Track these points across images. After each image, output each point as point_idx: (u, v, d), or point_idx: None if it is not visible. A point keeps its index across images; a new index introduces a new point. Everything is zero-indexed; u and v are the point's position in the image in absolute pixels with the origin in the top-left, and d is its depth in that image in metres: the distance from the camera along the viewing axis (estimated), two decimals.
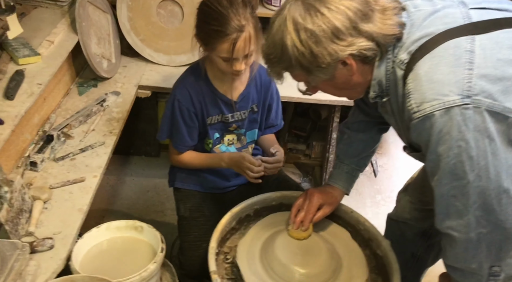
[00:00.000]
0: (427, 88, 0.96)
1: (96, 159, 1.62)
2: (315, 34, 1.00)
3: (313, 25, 1.00)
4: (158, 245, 1.32)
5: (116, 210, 2.40)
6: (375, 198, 2.57)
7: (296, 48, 1.03)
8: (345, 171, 1.48)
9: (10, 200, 1.28)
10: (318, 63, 1.03)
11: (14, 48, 1.66)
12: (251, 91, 1.60)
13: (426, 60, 0.99)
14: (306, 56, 1.03)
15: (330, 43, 1.01)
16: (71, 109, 1.84)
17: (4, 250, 1.16)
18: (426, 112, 0.96)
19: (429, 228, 1.61)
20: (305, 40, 1.01)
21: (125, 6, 2.09)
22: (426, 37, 1.01)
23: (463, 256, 1.07)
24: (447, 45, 0.98)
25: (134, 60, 2.22)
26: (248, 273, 1.32)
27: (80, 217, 1.40)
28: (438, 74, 0.96)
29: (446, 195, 1.01)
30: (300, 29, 1.01)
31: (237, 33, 1.36)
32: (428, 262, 1.72)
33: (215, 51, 1.41)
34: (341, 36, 1.00)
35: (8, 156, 1.49)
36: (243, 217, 1.54)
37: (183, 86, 1.55)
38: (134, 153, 2.75)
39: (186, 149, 1.63)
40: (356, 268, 1.37)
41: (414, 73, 1.00)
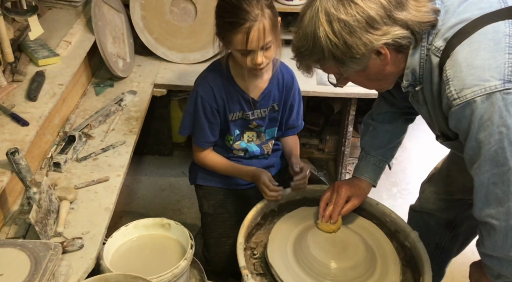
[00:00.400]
0: (467, 74, 0.95)
1: (118, 158, 1.62)
2: (349, 25, 0.99)
3: (346, 15, 0.99)
4: (187, 242, 1.32)
5: (133, 210, 2.40)
6: (391, 191, 2.57)
7: (329, 40, 1.01)
8: (371, 162, 1.47)
9: (39, 201, 1.28)
10: (352, 54, 1.02)
11: (33, 50, 1.66)
12: (273, 90, 1.60)
13: (465, 46, 0.97)
14: (340, 47, 1.01)
15: (364, 33, 0.99)
16: (89, 109, 1.84)
17: (37, 250, 1.16)
18: (467, 98, 0.95)
19: (454, 218, 1.61)
20: (339, 31, 1.00)
21: (138, 5, 2.09)
22: (462, 23, 0.99)
23: (501, 244, 1.06)
24: (486, 30, 0.97)
25: (148, 59, 2.22)
26: (282, 269, 1.32)
27: (107, 216, 1.40)
28: (478, 60, 0.95)
29: (486, 183, 1.01)
30: (333, 20, 1.00)
31: (250, 23, 1.35)
32: (453, 253, 1.71)
33: (232, 45, 1.41)
34: (375, 25, 0.99)
35: (32, 157, 1.49)
36: (268, 212, 1.54)
37: (206, 82, 1.55)
38: (147, 153, 2.75)
39: (208, 145, 1.63)
40: (389, 260, 1.37)
41: (453, 59, 0.98)
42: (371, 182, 1.47)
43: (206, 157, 1.64)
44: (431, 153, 2.78)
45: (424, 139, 2.90)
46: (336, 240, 1.37)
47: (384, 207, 1.51)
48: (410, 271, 1.40)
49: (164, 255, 1.35)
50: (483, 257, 1.15)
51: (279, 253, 1.36)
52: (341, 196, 1.40)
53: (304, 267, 1.32)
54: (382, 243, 1.42)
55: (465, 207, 1.57)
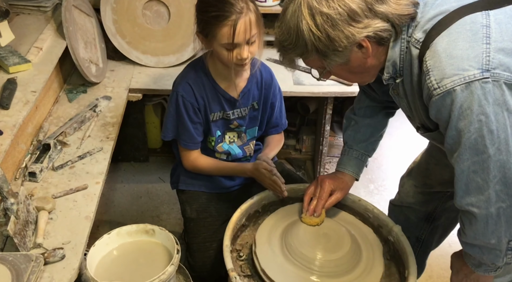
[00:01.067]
0: (446, 64, 0.97)
1: (96, 166, 1.58)
2: (332, 18, 1.00)
3: (328, 9, 1.00)
4: (173, 247, 1.30)
5: (110, 219, 2.35)
6: (368, 188, 2.61)
7: (312, 33, 1.02)
8: (354, 156, 1.48)
9: (17, 212, 1.24)
10: (335, 47, 1.03)
11: (2, 57, 1.61)
12: (252, 88, 1.60)
13: (444, 37, 0.99)
14: (323, 40, 1.03)
15: (346, 26, 1.01)
16: (63, 116, 1.79)
17: (18, 263, 1.12)
18: (447, 88, 0.96)
19: (433, 211, 1.64)
20: (322, 24, 1.01)
21: (109, 8, 2.05)
22: (441, 14, 1.02)
23: (482, 232, 1.08)
24: (464, 21, 0.99)
25: (121, 63, 2.18)
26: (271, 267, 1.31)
27: (88, 225, 1.36)
28: (457, 50, 0.97)
29: (466, 171, 1.03)
30: (315, 13, 1.01)
31: (237, 15, 1.34)
32: (432, 245, 1.75)
33: (216, 39, 1.39)
34: (357, 18, 1.00)
35: (6, 168, 1.43)
36: (252, 213, 1.53)
37: (185, 81, 1.52)
38: (122, 160, 2.70)
39: (196, 146, 1.60)
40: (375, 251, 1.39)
41: (432, 50, 1.00)
42: (354, 176, 1.49)
43: (197, 161, 1.62)
44: (405, 149, 2.84)
45: (398, 135, 2.96)
46: (321, 232, 1.38)
47: (367, 203, 1.53)
48: (394, 264, 1.42)
49: (150, 262, 1.33)
50: (465, 246, 1.17)
51: (266, 252, 1.36)
52: (325, 190, 1.41)
53: (293, 261, 1.32)
54: (367, 234, 1.44)
55: (444, 199, 1.61)
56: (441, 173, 1.53)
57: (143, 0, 2.05)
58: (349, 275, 1.30)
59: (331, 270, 1.30)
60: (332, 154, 2.77)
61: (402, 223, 1.46)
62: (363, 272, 1.32)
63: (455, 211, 1.61)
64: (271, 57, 2.25)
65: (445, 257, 2.19)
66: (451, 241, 2.25)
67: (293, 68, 1.19)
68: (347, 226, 1.45)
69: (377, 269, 1.34)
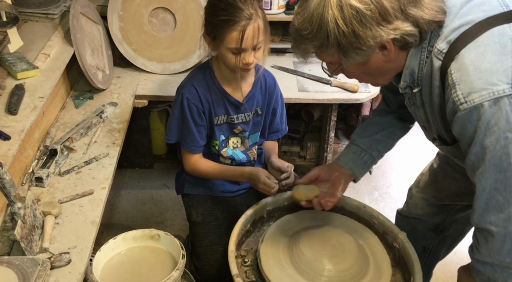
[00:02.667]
0: (475, 77, 0.92)
1: (102, 171, 1.59)
2: (362, 13, 0.93)
3: (359, 3, 0.93)
4: (178, 252, 1.31)
5: (115, 224, 2.36)
6: (372, 195, 2.61)
7: (337, 26, 0.95)
8: (352, 151, 1.44)
9: (24, 217, 1.24)
10: (359, 45, 0.97)
11: (11, 63, 1.62)
12: (256, 93, 1.61)
13: (471, 49, 0.95)
14: (347, 36, 0.96)
15: (375, 24, 0.95)
16: (69, 122, 1.80)
17: (25, 267, 1.13)
18: (474, 103, 0.92)
19: (442, 222, 1.62)
20: (349, 19, 0.94)
21: (116, 16, 2.07)
22: (466, 25, 0.97)
23: (498, 250, 1.05)
24: (491, 33, 0.95)
25: (127, 70, 2.20)
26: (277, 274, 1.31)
27: (94, 230, 1.37)
28: (486, 63, 0.93)
29: (488, 189, 1.00)
30: (344, 5, 0.94)
31: (246, 21, 1.36)
32: (440, 255, 1.73)
33: (224, 42, 1.40)
34: (388, 18, 0.94)
35: (13, 172, 1.44)
36: (257, 219, 1.54)
37: (191, 84, 1.54)
38: (127, 166, 2.71)
39: (199, 150, 1.61)
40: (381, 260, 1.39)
41: (459, 62, 0.96)
42: (348, 171, 1.43)
43: (197, 163, 1.62)
44: (410, 157, 2.84)
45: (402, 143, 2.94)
46: (329, 241, 1.38)
47: (372, 210, 1.52)
48: (399, 272, 1.42)
49: (155, 267, 1.33)
50: (476, 263, 1.13)
51: (273, 260, 1.36)
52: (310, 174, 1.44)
53: (299, 270, 1.32)
54: (373, 243, 1.44)
55: (453, 212, 1.59)
56: (449, 187, 1.51)
57: (149, 8, 2.07)
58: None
59: (339, 280, 1.30)
60: None
61: (408, 232, 1.43)
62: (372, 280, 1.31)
63: (464, 223, 1.60)
64: (275, 64, 2.27)
65: (450, 265, 2.18)
66: (456, 249, 2.25)
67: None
68: (354, 235, 1.44)
69: (385, 278, 1.34)
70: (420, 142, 1.43)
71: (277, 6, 2.23)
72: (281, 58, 2.35)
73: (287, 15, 2.25)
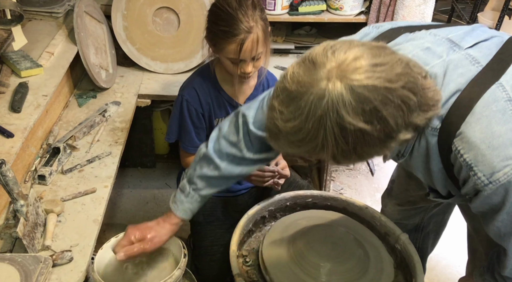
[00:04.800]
0: (492, 156, 0.90)
1: (104, 170, 1.59)
2: (367, 134, 0.82)
3: (365, 124, 0.81)
4: (180, 251, 1.31)
5: (117, 223, 2.36)
6: (374, 197, 2.60)
7: (337, 144, 0.83)
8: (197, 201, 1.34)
9: (26, 214, 1.25)
10: (357, 159, 0.89)
11: (15, 61, 1.63)
12: (258, 95, 1.60)
13: (472, 124, 0.91)
14: (346, 153, 0.85)
15: (379, 143, 0.86)
16: (72, 121, 1.81)
17: (27, 264, 1.13)
18: (501, 182, 0.91)
19: (421, 221, 1.64)
20: (352, 139, 0.82)
21: (120, 15, 2.07)
22: (452, 97, 0.94)
23: None
24: (485, 101, 0.92)
25: (131, 69, 2.20)
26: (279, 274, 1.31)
27: (96, 228, 1.37)
28: (496, 137, 0.90)
29: None
30: (347, 125, 0.81)
31: (245, 34, 1.36)
32: (428, 250, 1.75)
33: (223, 52, 1.41)
34: (393, 135, 0.85)
35: (16, 170, 1.45)
36: (259, 219, 1.53)
37: (191, 86, 1.55)
38: (129, 165, 2.71)
39: (195, 150, 1.61)
40: (383, 261, 1.38)
41: (465, 142, 0.92)
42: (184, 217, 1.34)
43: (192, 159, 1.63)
44: None
45: None
46: (330, 241, 1.38)
47: (374, 211, 1.52)
48: (401, 273, 1.42)
49: (157, 265, 1.33)
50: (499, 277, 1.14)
51: (275, 259, 1.36)
52: None
53: (301, 269, 1.31)
54: (375, 243, 1.44)
55: (429, 210, 1.60)
56: (422, 193, 1.52)
57: (153, 8, 2.08)
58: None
59: (340, 278, 1.30)
60: None
61: None
62: (372, 279, 1.31)
63: (441, 214, 1.62)
64: (278, 65, 2.27)
65: (452, 268, 2.19)
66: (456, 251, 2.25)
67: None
68: (356, 235, 1.44)
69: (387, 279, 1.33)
70: None
71: (280, 7, 2.23)
72: (284, 59, 2.35)
73: (291, 16, 2.26)
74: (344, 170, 2.79)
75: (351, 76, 0.80)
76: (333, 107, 0.80)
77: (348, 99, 0.80)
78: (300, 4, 2.26)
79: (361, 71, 0.81)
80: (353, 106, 0.80)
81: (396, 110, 0.82)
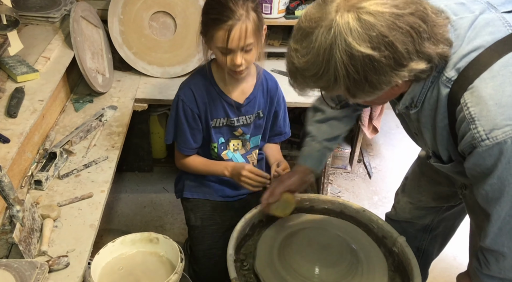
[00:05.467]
0: (496, 113, 0.89)
1: (101, 174, 1.59)
2: (375, 60, 0.84)
3: (372, 50, 0.84)
4: (177, 256, 1.30)
5: (114, 228, 2.35)
6: (372, 199, 2.61)
7: (348, 73, 0.86)
8: (316, 149, 1.43)
9: (22, 219, 1.24)
10: (371, 90, 0.90)
11: (11, 66, 1.63)
12: (258, 96, 1.61)
13: (487, 80, 0.91)
14: (358, 82, 0.88)
15: (390, 70, 0.87)
16: (69, 125, 1.80)
17: (23, 270, 1.13)
18: (498, 139, 0.90)
19: (431, 223, 1.64)
20: (362, 66, 0.85)
21: (116, 20, 2.07)
22: (475, 51, 0.94)
23: (510, 268, 1.07)
24: (506, 62, 0.91)
25: (127, 74, 2.20)
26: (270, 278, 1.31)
27: (93, 233, 1.37)
28: (506, 97, 0.89)
29: (503, 216, 1.00)
30: (354, 52, 0.84)
31: (233, 21, 1.35)
32: (433, 254, 1.75)
33: (213, 41, 1.41)
34: (403, 62, 0.86)
35: (12, 175, 1.44)
36: (256, 223, 1.53)
37: (188, 87, 1.55)
38: (126, 170, 2.71)
39: (191, 152, 1.63)
40: (375, 264, 1.38)
41: (476, 95, 0.92)
42: (313, 169, 1.43)
43: (188, 161, 1.66)
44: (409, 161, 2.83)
45: (400, 147, 2.96)
46: (321, 244, 1.38)
47: (371, 214, 1.52)
48: (398, 276, 1.42)
49: (154, 270, 1.32)
50: (484, 277, 1.14)
51: (266, 262, 1.36)
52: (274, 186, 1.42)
53: (291, 273, 1.32)
54: (368, 247, 1.44)
55: (440, 212, 1.60)
56: (434, 190, 1.52)
57: (150, 12, 2.08)
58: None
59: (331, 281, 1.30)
60: (336, 165, 2.77)
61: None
62: None
63: (452, 219, 1.63)
64: (275, 68, 2.27)
65: (450, 270, 2.19)
66: (455, 254, 2.25)
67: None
68: (349, 238, 1.44)
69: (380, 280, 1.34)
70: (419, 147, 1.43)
71: (277, 11, 2.23)
72: (281, 62, 2.35)
73: (287, 20, 2.26)
74: (341, 173, 2.79)
75: (358, 5, 0.85)
76: (341, 36, 0.84)
77: (354, 26, 0.84)
78: (296, 7, 2.27)
79: (368, 1, 0.85)
80: (360, 32, 0.83)
81: (404, 36, 0.84)
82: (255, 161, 1.72)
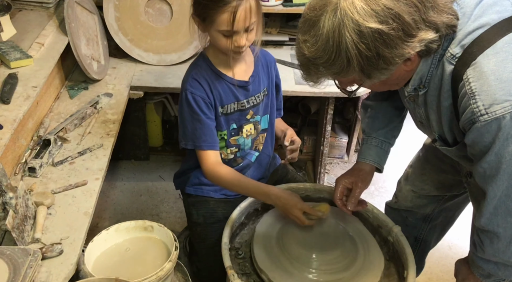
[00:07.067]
0: (497, 88, 0.89)
1: (96, 162, 1.58)
2: (385, 34, 0.85)
3: (380, 23, 0.85)
4: (172, 244, 1.30)
5: (110, 216, 2.35)
6: (368, 189, 2.58)
7: (360, 52, 0.88)
8: (373, 145, 1.42)
9: (16, 207, 1.23)
10: (385, 66, 0.91)
11: (4, 52, 1.60)
12: (260, 72, 1.54)
13: (490, 56, 0.91)
14: (372, 60, 0.89)
15: (400, 42, 0.88)
16: (63, 112, 1.79)
17: (16, 257, 1.12)
18: (496, 114, 0.90)
19: (431, 212, 1.64)
20: (373, 43, 0.86)
21: (112, 6, 2.05)
22: (481, 29, 0.94)
23: (503, 250, 1.07)
24: (510, 39, 0.91)
25: (123, 61, 2.18)
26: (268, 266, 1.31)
27: (87, 221, 1.36)
28: (507, 73, 0.89)
29: (499, 195, 1.00)
30: (363, 29, 0.86)
31: (237, 2, 1.27)
32: (431, 244, 1.75)
33: (215, 24, 1.32)
34: (412, 32, 0.88)
35: (6, 162, 1.43)
36: (252, 212, 1.53)
37: (192, 78, 1.45)
38: (123, 158, 2.70)
39: (218, 147, 1.51)
40: (372, 253, 1.38)
41: (477, 71, 0.92)
42: (375, 165, 1.42)
43: (218, 167, 1.48)
44: (406, 151, 2.83)
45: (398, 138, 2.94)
46: (318, 231, 1.38)
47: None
48: (393, 265, 1.42)
49: (148, 258, 1.32)
50: (479, 260, 1.15)
51: (265, 251, 1.36)
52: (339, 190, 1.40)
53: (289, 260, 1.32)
54: (365, 236, 1.44)
55: (442, 201, 1.60)
56: (437, 178, 1.52)
57: None
58: (346, 272, 1.30)
59: (328, 268, 1.30)
60: (333, 155, 2.76)
61: (400, 224, 1.44)
62: (361, 269, 1.31)
63: (453, 210, 1.63)
64: None
65: (445, 259, 2.19)
66: (450, 243, 2.25)
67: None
68: (346, 226, 1.44)
69: (377, 266, 1.34)
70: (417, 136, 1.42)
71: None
72: (278, 51, 2.33)
73: (284, 7, 2.23)
74: (338, 162, 2.79)
75: None
76: (347, 16, 0.86)
77: (359, 4, 0.86)
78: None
79: None
80: (365, 9, 0.86)
81: (409, 6, 0.86)
82: (260, 147, 1.66)
